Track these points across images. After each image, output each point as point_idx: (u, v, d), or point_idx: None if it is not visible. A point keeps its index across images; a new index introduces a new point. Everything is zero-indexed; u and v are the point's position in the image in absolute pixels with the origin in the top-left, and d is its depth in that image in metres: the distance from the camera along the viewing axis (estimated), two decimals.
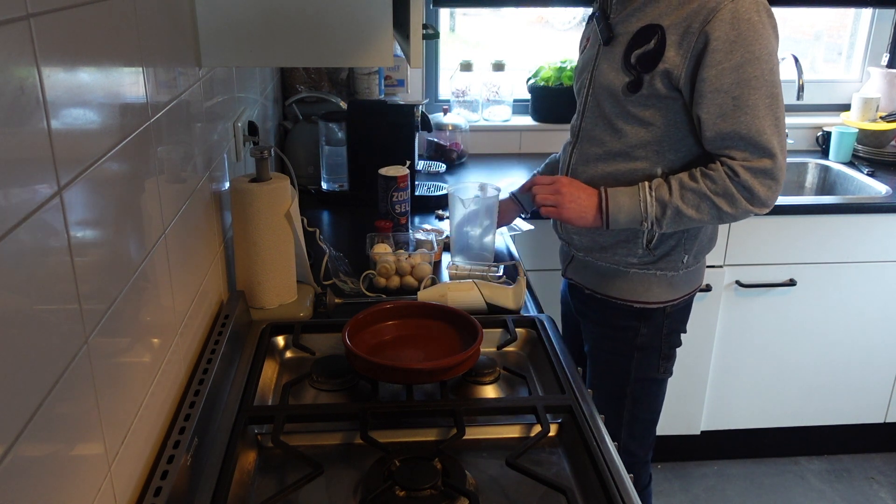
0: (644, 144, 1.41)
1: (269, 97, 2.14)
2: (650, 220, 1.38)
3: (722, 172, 1.33)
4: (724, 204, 1.34)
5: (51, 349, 0.65)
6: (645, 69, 1.36)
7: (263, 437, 1.07)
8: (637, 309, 1.53)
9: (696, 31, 1.29)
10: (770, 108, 1.31)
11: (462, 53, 2.78)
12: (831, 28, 2.96)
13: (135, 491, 0.86)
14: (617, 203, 1.40)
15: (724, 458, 2.57)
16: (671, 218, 1.37)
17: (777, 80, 1.32)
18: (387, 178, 1.79)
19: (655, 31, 1.35)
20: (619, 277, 1.53)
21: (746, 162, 1.32)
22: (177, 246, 1.06)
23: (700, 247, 1.51)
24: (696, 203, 1.35)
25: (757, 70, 1.28)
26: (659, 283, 1.51)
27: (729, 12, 1.27)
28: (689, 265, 1.50)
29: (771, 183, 1.33)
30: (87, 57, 0.76)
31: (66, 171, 0.69)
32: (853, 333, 2.39)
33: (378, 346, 1.25)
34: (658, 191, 1.37)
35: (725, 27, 1.27)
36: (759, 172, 1.32)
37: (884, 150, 2.62)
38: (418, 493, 0.94)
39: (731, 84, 1.29)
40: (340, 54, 1.21)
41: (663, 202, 1.37)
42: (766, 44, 1.29)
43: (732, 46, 1.27)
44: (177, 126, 1.08)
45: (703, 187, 1.34)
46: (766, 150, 1.31)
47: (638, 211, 1.38)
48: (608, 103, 1.44)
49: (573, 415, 1.09)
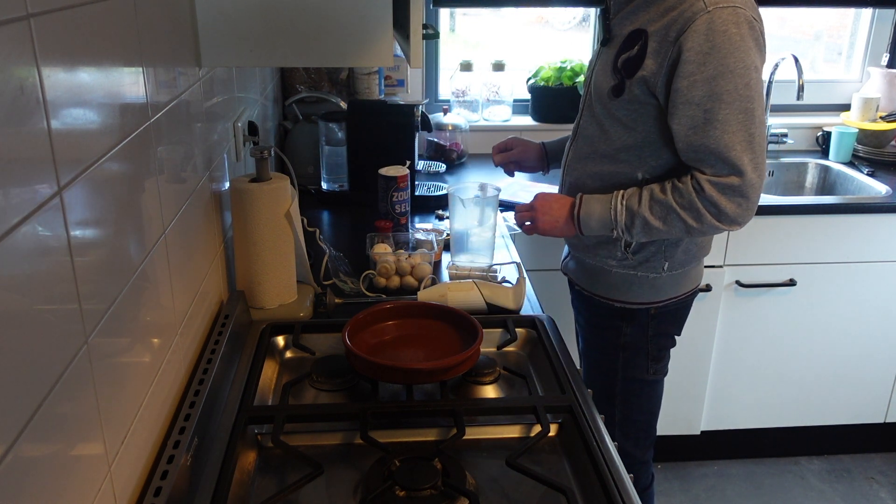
0: (627, 148, 1.42)
1: (269, 97, 2.14)
2: (619, 227, 1.39)
3: (689, 186, 1.33)
4: (690, 218, 1.33)
5: (51, 349, 0.65)
6: (628, 74, 1.36)
7: (263, 437, 1.07)
8: (619, 308, 1.54)
9: (672, 40, 1.28)
10: (743, 123, 1.28)
11: (462, 53, 2.78)
12: (831, 28, 2.96)
13: (135, 491, 0.86)
14: (589, 208, 1.42)
15: (724, 458, 2.57)
16: (640, 227, 1.38)
17: (754, 95, 1.28)
18: (387, 178, 1.79)
19: (640, 37, 1.34)
20: (604, 275, 1.54)
21: (715, 177, 1.30)
22: (177, 246, 1.06)
23: (686, 255, 1.50)
24: (662, 215, 1.35)
25: (730, 84, 1.26)
26: (640, 285, 1.51)
27: (704, 23, 1.25)
28: (671, 270, 1.50)
29: (741, 200, 1.30)
30: (87, 57, 0.76)
31: (66, 171, 0.69)
32: (853, 333, 2.39)
33: (378, 346, 1.25)
34: (629, 200, 1.38)
35: (699, 38, 1.25)
36: (727, 189, 1.30)
37: (884, 150, 2.62)
38: (418, 493, 0.94)
39: (702, 97, 1.27)
40: (340, 54, 1.21)
41: (632, 211, 1.37)
42: (743, 57, 1.26)
43: (705, 58, 1.25)
44: (177, 126, 1.08)
45: (671, 200, 1.34)
46: (735, 166, 1.28)
47: (608, 217, 1.40)
48: (598, 105, 1.45)
49: (573, 415, 1.09)
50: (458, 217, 1.66)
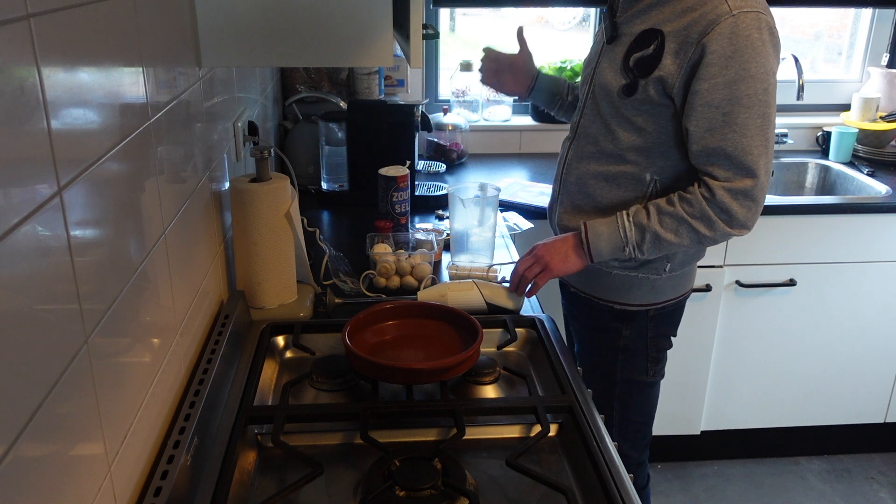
0: (635, 149, 1.41)
1: (269, 97, 2.14)
2: (631, 245, 1.38)
3: (699, 195, 1.32)
4: (702, 227, 1.33)
5: (51, 349, 0.65)
6: (641, 74, 1.35)
7: (263, 437, 1.07)
8: (618, 310, 1.53)
9: (694, 41, 1.27)
10: (760, 128, 1.28)
11: (462, 53, 2.78)
12: (831, 28, 2.97)
13: (135, 491, 0.86)
14: (596, 232, 1.40)
15: (724, 458, 2.57)
16: (651, 242, 1.36)
17: (771, 101, 1.29)
18: (387, 178, 1.79)
19: (656, 37, 1.33)
20: (603, 277, 1.52)
21: (727, 182, 1.30)
22: (177, 246, 1.06)
23: (686, 256, 1.49)
24: (674, 227, 1.34)
25: (751, 89, 1.26)
26: (640, 286, 1.50)
27: (729, 26, 1.25)
28: (672, 271, 1.49)
29: (750, 204, 1.31)
30: (87, 57, 0.76)
31: (66, 171, 0.69)
32: (853, 333, 2.39)
33: (378, 346, 1.25)
34: (636, 216, 1.37)
35: (723, 41, 1.25)
36: (739, 193, 1.30)
37: (884, 150, 2.62)
38: (418, 493, 0.94)
39: (722, 100, 1.27)
40: (340, 54, 1.21)
41: (641, 226, 1.36)
42: (764, 62, 1.26)
43: (728, 62, 1.25)
44: (177, 126, 1.08)
45: (681, 211, 1.33)
46: (750, 169, 1.29)
47: (618, 237, 1.38)
48: (605, 103, 1.43)
49: (573, 415, 1.09)
50: (458, 217, 1.66)
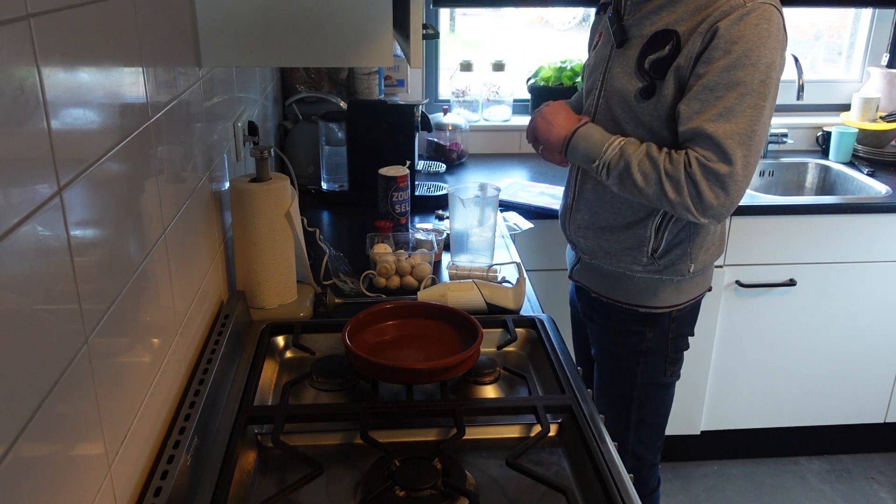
0: None
1: (269, 97, 2.14)
2: (603, 163, 1.37)
3: (681, 159, 1.30)
4: (670, 189, 1.30)
5: (51, 349, 0.65)
6: (659, 75, 1.33)
7: (263, 437, 1.07)
8: (643, 314, 1.52)
9: (707, 28, 1.26)
10: (748, 118, 1.26)
11: (462, 53, 2.78)
12: (831, 28, 2.96)
13: (135, 491, 0.86)
14: (588, 132, 1.41)
15: (724, 458, 2.57)
16: (621, 171, 1.35)
17: (767, 94, 1.27)
18: (387, 178, 1.79)
19: (671, 37, 1.32)
20: (626, 281, 1.51)
21: (705, 160, 1.28)
22: (177, 246, 1.06)
23: (708, 255, 1.49)
24: (646, 171, 1.32)
25: (748, 76, 1.24)
26: (665, 288, 1.49)
27: (739, 15, 1.24)
28: (696, 271, 1.49)
29: (719, 192, 1.28)
30: (87, 57, 0.76)
31: (66, 171, 0.69)
32: (853, 333, 2.39)
33: (378, 346, 1.25)
34: (627, 144, 1.36)
35: (731, 26, 1.24)
36: (711, 174, 1.27)
37: (884, 150, 2.62)
38: (418, 493, 0.94)
39: (717, 83, 1.25)
40: (340, 54, 1.21)
41: (623, 153, 1.35)
42: (768, 53, 1.25)
43: (731, 46, 1.24)
44: (177, 126, 1.08)
45: (661, 162, 1.31)
46: (727, 155, 1.26)
47: (599, 148, 1.38)
48: (620, 108, 1.41)
49: (573, 415, 1.09)
50: (458, 217, 1.66)
